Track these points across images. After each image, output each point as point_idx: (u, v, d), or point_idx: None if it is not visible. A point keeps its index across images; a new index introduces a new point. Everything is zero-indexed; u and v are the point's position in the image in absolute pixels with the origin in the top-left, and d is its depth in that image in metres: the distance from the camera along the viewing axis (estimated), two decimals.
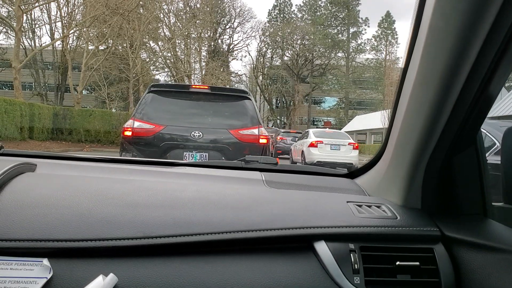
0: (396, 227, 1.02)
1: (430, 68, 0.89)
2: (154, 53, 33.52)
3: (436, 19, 0.83)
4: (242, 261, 0.91)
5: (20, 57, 20.38)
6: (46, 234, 0.84)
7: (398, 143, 1.10)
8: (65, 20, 27.15)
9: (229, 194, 1.10)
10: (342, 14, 51.92)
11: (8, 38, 31.89)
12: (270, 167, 1.55)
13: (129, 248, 0.86)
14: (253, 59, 49.32)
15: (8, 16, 24.89)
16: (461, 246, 0.98)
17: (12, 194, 0.95)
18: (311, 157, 13.19)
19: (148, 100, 5.24)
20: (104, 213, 0.92)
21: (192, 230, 0.91)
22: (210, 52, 41.88)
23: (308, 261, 0.94)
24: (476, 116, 0.96)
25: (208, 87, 5.52)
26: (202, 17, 35.79)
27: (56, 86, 37.12)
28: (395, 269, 0.95)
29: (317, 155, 13.10)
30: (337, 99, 51.48)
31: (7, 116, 15.64)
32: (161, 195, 1.04)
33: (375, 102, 45.14)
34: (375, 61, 49.73)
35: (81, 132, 20.36)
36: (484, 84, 0.88)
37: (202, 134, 4.96)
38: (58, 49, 34.30)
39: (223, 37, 46.54)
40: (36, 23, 33.17)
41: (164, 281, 0.83)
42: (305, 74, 49.47)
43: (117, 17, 22.27)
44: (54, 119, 20.25)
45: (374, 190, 1.29)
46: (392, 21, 51.66)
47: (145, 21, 25.78)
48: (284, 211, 1.02)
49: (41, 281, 0.79)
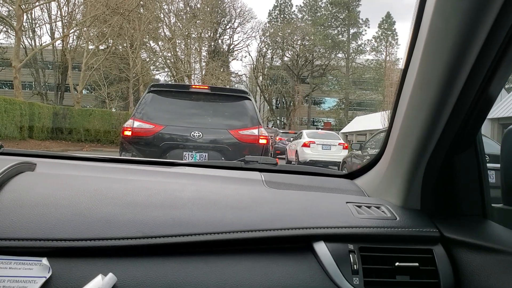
0: (395, 228, 1.01)
1: (430, 68, 0.89)
2: (154, 53, 33.57)
3: (436, 19, 0.83)
4: (241, 261, 0.91)
5: (20, 56, 20.42)
6: (46, 233, 0.84)
7: (397, 144, 1.10)
8: (65, 20, 27.18)
9: (228, 194, 1.10)
10: (343, 15, 51.87)
11: (8, 37, 31.91)
12: (270, 168, 1.55)
13: (128, 247, 0.86)
14: (253, 59, 49.35)
15: (9, 15, 24.90)
16: (460, 247, 0.98)
17: (11, 193, 0.95)
18: (304, 156, 14.20)
19: (148, 100, 5.24)
20: (103, 212, 0.92)
21: (191, 230, 0.91)
22: (210, 52, 41.89)
23: (307, 261, 0.94)
24: (476, 117, 0.96)
25: (208, 87, 5.51)
26: (203, 17, 35.80)
27: (56, 85, 37.13)
28: (394, 270, 0.95)
29: (310, 154, 14.10)
30: (337, 100, 51.39)
31: (7, 115, 15.64)
32: (161, 195, 1.04)
33: (375, 103, 45.07)
34: (375, 62, 49.65)
35: (81, 132, 20.39)
36: (484, 84, 0.88)
37: (202, 134, 4.96)
38: (58, 48, 34.36)
39: (223, 37, 46.59)
40: (36, 22, 33.28)
41: (163, 281, 0.83)
42: (305, 75, 49.41)
43: (118, 16, 22.29)
44: (54, 118, 20.27)
45: (374, 191, 1.29)
46: (392, 22, 51.66)
47: (146, 21, 25.80)
48: (284, 212, 1.02)
49: (40, 280, 0.78)
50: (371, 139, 10.08)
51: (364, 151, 9.38)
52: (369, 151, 9.12)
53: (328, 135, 15.53)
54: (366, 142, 10.15)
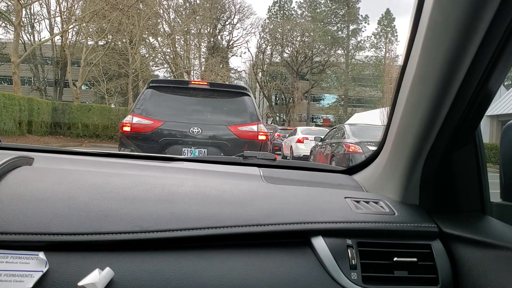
0: (393, 223, 1.01)
1: (429, 63, 0.89)
2: (154, 49, 33.47)
3: (435, 14, 0.83)
4: (239, 256, 0.91)
5: (19, 51, 20.36)
6: (43, 227, 0.84)
7: (396, 139, 1.10)
8: (64, 15, 27.04)
9: (226, 189, 1.10)
10: (342, 11, 51.76)
11: (7, 33, 31.87)
12: (268, 163, 1.55)
13: (126, 242, 0.86)
14: (253, 55, 49.26)
15: (7, 10, 24.83)
16: (458, 242, 0.98)
17: (8, 187, 0.95)
18: (298, 151, 15.08)
19: (147, 95, 5.23)
20: (101, 207, 0.92)
21: (189, 225, 0.90)
22: (210, 48, 41.75)
23: (306, 256, 0.94)
24: (475, 112, 0.96)
25: (208, 83, 5.49)
26: (202, 13, 35.67)
27: (55, 81, 37.08)
28: (393, 265, 0.95)
29: (303, 149, 14.75)
30: (337, 96, 51.40)
31: (5, 111, 15.62)
32: (159, 189, 1.04)
33: (374, 99, 45.08)
34: (375, 59, 49.64)
35: (80, 127, 20.37)
36: (484, 80, 0.88)
37: (201, 130, 4.95)
38: (57, 44, 34.24)
39: (222, 33, 46.34)
40: (36, 17, 33.19)
41: (161, 275, 0.83)
42: (304, 71, 49.29)
43: (117, 12, 22.22)
44: (53, 114, 20.25)
45: (372, 186, 1.28)
46: (392, 19, 51.60)
47: (145, 16, 25.72)
48: (282, 207, 1.02)
49: (37, 274, 0.78)
50: (329, 133, 11.71)
51: (324, 142, 11.02)
52: (328, 141, 10.80)
53: (322, 131, 16.06)
54: (325, 135, 11.63)
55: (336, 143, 9.83)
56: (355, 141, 8.88)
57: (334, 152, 9.67)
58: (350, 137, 9.33)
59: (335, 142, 9.95)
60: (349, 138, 9.29)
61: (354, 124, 11.90)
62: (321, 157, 10.86)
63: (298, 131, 16.41)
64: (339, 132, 10.37)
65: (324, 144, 11.01)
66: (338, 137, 10.16)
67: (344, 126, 10.49)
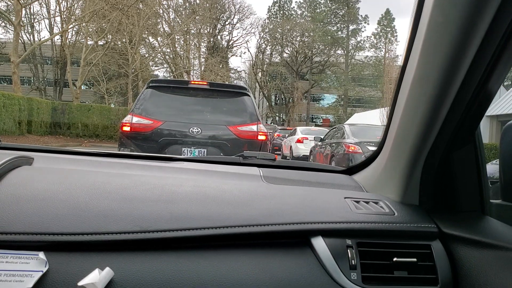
0: (393, 223, 1.01)
1: (429, 63, 0.89)
2: (153, 49, 33.49)
3: (435, 14, 0.83)
4: (239, 256, 0.91)
5: (19, 51, 20.36)
6: (43, 227, 0.84)
7: (396, 139, 1.10)
8: (64, 15, 27.04)
9: (226, 189, 1.10)
10: (342, 11, 51.74)
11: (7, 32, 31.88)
12: (268, 163, 1.54)
13: (126, 242, 0.86)
14: (252, 55, 49.26)
15: (7, 10, 24.81)
16: (458, 242, 0.98)
17: (8, 187, 0.95)
18: (298, 151, 15.16)
19: (146, 95, 5.23)
20: (100, 207, 0.92)
21: (189, 225, 0.90)
22: (210, 48, 41.74)
23: (305, 256, 0.94)
24: (475, 112, 0.96)
25: (207, 83, 5.49)
26: (202, 13, 35.69)
27: (55, 80, 37.07)
28: (392, 265, 0.95)
29: (303, 149, 14.83)
30: (336, 96, 51.39)
31: (5, 111, 15.61)
32: (158, 189, 1.04)
33: (374, 99, 45.06)
34: (374, 59, 49.63)
35: (79, 127, 20.36)
36: (484, 80, 0.88)
37: (201, 130, 4.95)
38: (57, 43, 34.23)
39: (222, 33, 46.33)
40: (35, 17, 33.18)
41: (161, 275, 0.83)
42: (304, 71, 49.28)
43: (117, 12, 22.24)
44: (53, 113, 20.24)
45: (372, 186, 1.28)
46: (391, 19, 51.58)
47: (145, 16, 25.72)
48: (282, 207, 1.02)
49: (36, 274, 0.78)
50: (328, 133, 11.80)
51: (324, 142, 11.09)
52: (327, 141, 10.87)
53: (321, 132, 16.11)
54: (325, 135, 11.72)
55: (336, 143, 9.88)
56: (354, 141, 8.92)
57: (333, 152, 9.72)
58: (349, 137, 9.38)
59: (335, 142, 10.00)
60: (349, 138, 9.33)
61: (354, 124, 11.95)
62: (321, 157, 10.91)
63: (298, 131, 16.48)
64: (339, 132, 10.42)
65: (323, 144, 11.06)
66: (338, 137, 10.21)
67: (343, 126, 10.52)
